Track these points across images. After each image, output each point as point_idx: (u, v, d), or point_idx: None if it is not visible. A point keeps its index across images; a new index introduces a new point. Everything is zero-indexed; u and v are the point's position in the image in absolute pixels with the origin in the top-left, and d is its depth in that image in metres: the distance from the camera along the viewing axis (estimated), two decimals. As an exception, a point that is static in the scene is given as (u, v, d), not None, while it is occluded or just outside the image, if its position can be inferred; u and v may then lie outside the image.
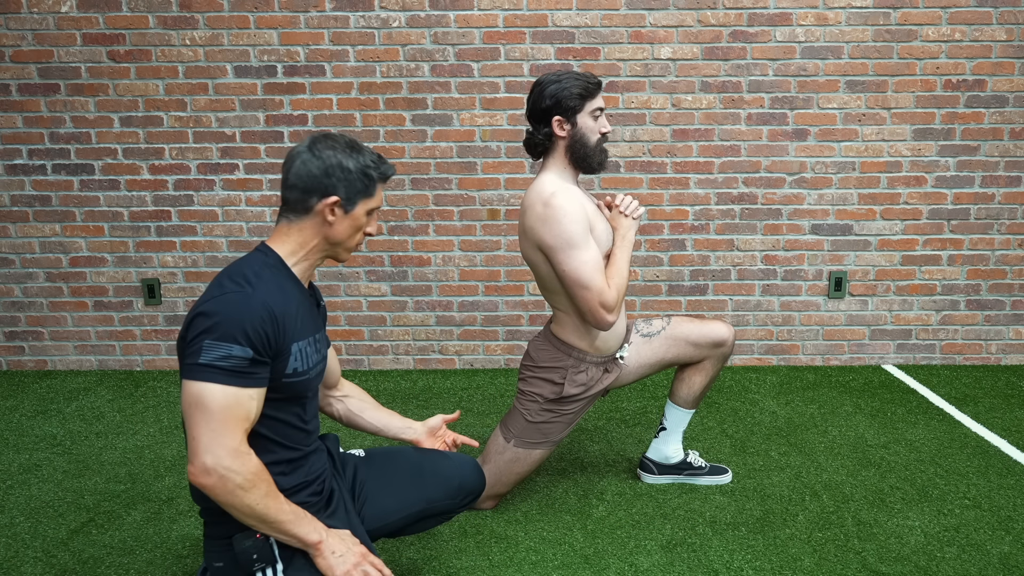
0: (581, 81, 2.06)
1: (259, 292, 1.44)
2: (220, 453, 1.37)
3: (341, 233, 1.56)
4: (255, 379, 1.43)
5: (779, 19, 3.36)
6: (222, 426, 1.37)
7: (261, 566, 1.49)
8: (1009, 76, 3.38)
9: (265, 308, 1.43)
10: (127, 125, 3.46)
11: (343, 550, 1.51)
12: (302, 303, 1.56)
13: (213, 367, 1.38)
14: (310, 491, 1.61)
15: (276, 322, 1.45)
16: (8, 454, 2.71)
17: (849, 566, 1.96)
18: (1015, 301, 3.59)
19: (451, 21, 3.37)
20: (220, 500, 1.40)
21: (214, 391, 1.38)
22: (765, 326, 3.64)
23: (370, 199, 1.57)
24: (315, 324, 1.63)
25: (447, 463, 1.82)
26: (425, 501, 1.76)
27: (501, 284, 3.60)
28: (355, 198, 1.55)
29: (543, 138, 2.09)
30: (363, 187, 1.55)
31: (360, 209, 1.56)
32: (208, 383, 1.38)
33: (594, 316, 2.04)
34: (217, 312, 1.39)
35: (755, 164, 3.49)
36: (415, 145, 3.48)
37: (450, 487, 1.79)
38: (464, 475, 1.82)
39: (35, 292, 3.60)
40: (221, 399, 1.38)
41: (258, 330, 1.41)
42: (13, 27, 3.36)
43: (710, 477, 2.43)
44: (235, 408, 1.39)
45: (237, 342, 1.39)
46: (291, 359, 1.50)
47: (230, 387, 1.39)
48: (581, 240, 2.00)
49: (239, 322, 1.39)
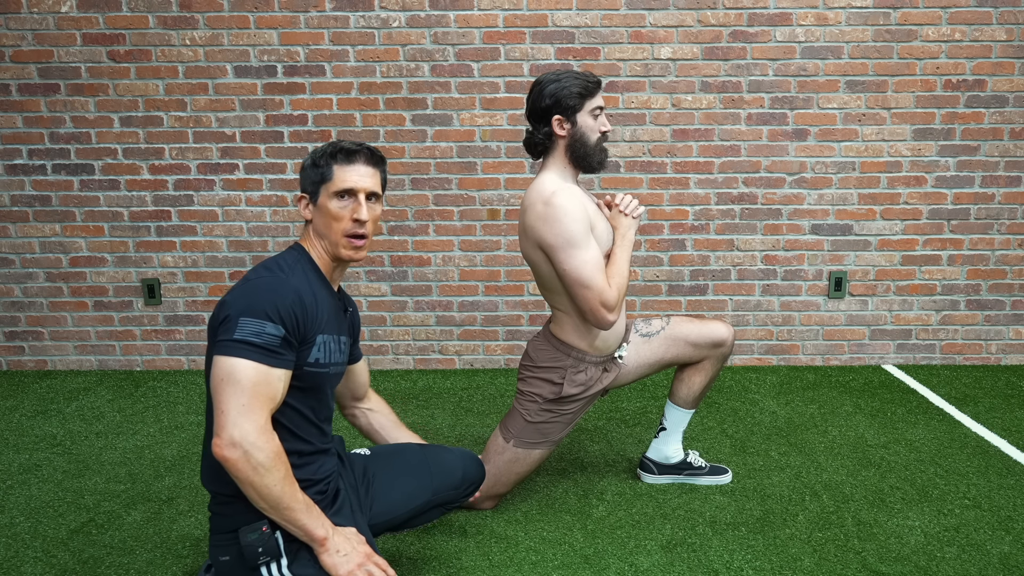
0: (581, 80, 2.06)
1: (292, 279, 1.52)
2: (248, 428, 1.40)
3: (320, 225, 1.62)
4: (283, 360, 1.48)
5: (779, 19, 3.36)
6: (251, 401, 1.42)
7: (266, 560, 1.51)
8: (1009, 76, 3.38)
9: (296, 293, 1.50)
10: (127, 125, 3.46)
11: (348, 549, 1.52)
12: (329, 302, 1.62)
13: (247, 343, 1.43)
14: (316, 489, 1.62)
15: (305, 308, 1.51)
16: (8, 454, 2.71)
17: (849, 566, 1.96)
18: (1015, 301, 3.59)
19: (451, 21, 3.37)
20: (240, 476, 1.42)
21: (246, 367, 1.42)
22: (765, 326, 3.64)
23: (329, 183, 1.60)
24: (340, 326, 1.68)
25: (449, 455, 1.90)
26: (431, 493, 1.82)
27: (501, 284, 3.61)
28: (316, 188, 1.61)
29: (543, 137, 2.09)
30: (319, 175, 1.60)
31: (323, 197, 1.60)
32: (241, 358, 1.42)
33: (595, 316, 2.04)
34: (253, 292, 1.47)
35: (755, 164, 3.49)
36: (415, 145, 3.48)
37: (454, 478, 1.86)
38: (466, 466, 1.89)
39: (35, 292, 3.60)
40: (253, 375, 1.43)
41: (290, 311, 1.48)
42: (13, 27, 3.36)
43: (710, 477, 2.43)
44: (264, 386, 1.44)
45: (271, 319, 1.45)
46: (315, 348, 1.55)
47: (261, 364, 1.44)
48: (582, 239, 2.00)
49: (273, 301, 1.46)
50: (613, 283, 2.04)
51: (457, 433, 2.87)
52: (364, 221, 1.60)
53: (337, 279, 1.69)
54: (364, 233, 1.62)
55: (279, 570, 1.51)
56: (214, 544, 1.58)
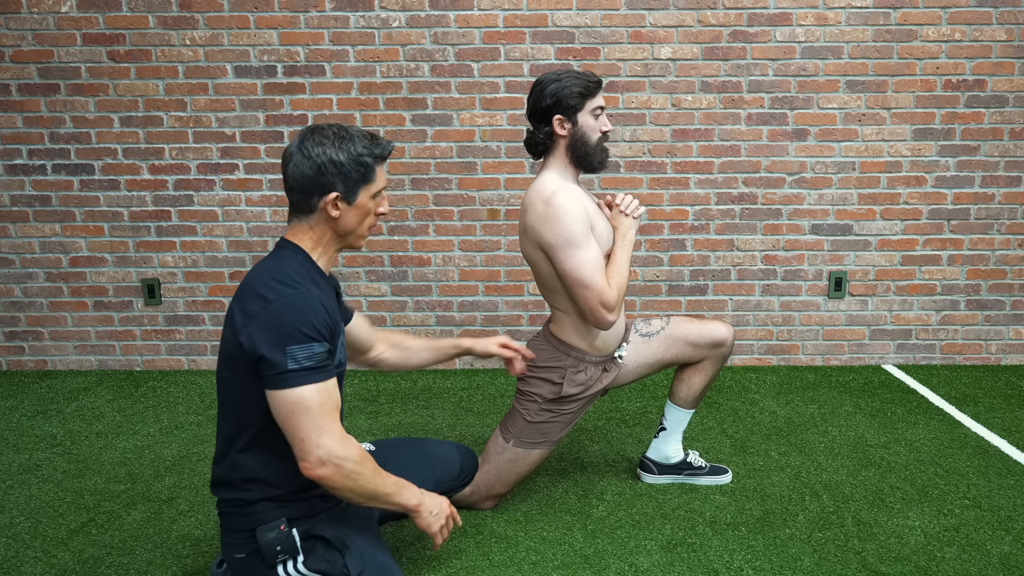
0: (581, 80, 2.06)
1: (313, 290, 1.50)
2: (329, 444, 1.44)
3: (349, 223, 1.58)
4: (331, 370, 1.51)
5: (779, 19, 3.36)
6: (323, 419, 1.45)
7: (284, 557, 1.55)
8: (1009, 76, 3.38)
9: (320, 303, 1.49)
10: (127, 125, 3.46)
11: (436, 508, 1.67)
12: (331, 296, 1.62)
13: (303, 369, 1.44)
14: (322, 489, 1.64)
15: (330, 315, 1.52)
16: (8, 454, 2.71)
17: (849, 566, 1.96)
18: (1015, 301, 3.59)
19: (451, 21, 3.37)
20: (338, 486, 1.48)
21: (309, 392, 1.44)
22: (765, 326, 3.64)
23: (371, 184, 1.57)
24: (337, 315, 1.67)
25: (447, 448, 1.99)
26: (433, 484, 1.90)
27: (501, 284, 3.60)
28: (355, 188, 1.55)
29: (544, 137, 2.09)
30: (360, 175, 1.55)
31: (363, 196, 1.57)
32: (303, 387, 1.44)
33: (594, 315, 2.04)
34: (289, 316, 1.44)
35: (755, 164, 3.49)
36: (415, 145, 3.48)
37: (453, 470, 1.96)
38: (463, 457, 2.00)
39: (35, 292, 3.60)
40: (316, 397, 1.45)
41: (325, 324, 1.48)
42: (13, 27, 3.36)
43: (710, 477, 2.43)
44: (328, 401, 1.47)
45: (316, 340, 1.46)
46: (338, 352, 1.57)
47: (320, 383, 1.46)
48: (582, 239, 2.00)
49: (310, 320, 1.45)
50: (613, 283, 2.04)
51: (457, 433, 2.87)
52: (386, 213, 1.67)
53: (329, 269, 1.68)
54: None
55: (295, 566, 1.55)
56: (227, 542, 1.59)
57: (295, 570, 1.54)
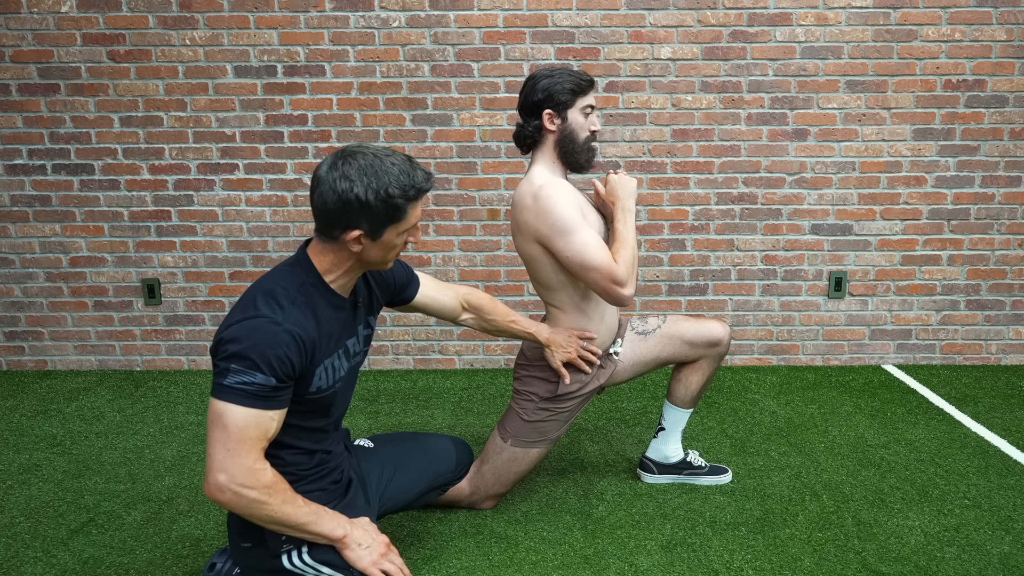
0: (574, 77, 2.06)
1: (288, 319, 1.42)
2: (234, 471, 1.40)
3: (374, 256, 1.52)
4: (277, 402, 1.45)
5: (779, 19, 3.35)
6: (238, 446, 1.40)
7: (288, 548, 1.56)
8: (1009, 76, 3.38)
9: (292, 337, 1.42)
10: (127, 125, 3.46)
11: (368, 541, 1.57)
12: (335, 320, 1.55)
13: (235, 389, 1.40)
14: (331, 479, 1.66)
15: (303, 349, 1.45)
16: (8, 454, 2.71)
17: (849, 566, 1.96)
18: (1015, 301, 3.59)
19: (451, 21, 3.37)
20: (238, 511, 1.44)
21: (234, 412, 1.40)
22: (765, 326, 3.64)
23: (399, 223, 1.48)
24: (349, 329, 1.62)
25: (443, 442, 2.04)
26: (432, 477, 1.94)
27: (501, 284, 3.60)
28: (381, 228, 1.46)
29: (532, 131, 2.10)
30: (389, 216, 1.45)
31: (390, 234, 1.48)
32: (229, 404, 1.40)
33: (609, 295, 2.02)
34: (246, 339, 1.39)
35: (755, 164, 3.49)
36: (415, 145, 3.48)
37: (449, 463, 2.02)
38: (458, 450, 2.07)
39: (35, 292, 3.60)
40: (240, 420, 1.40)
41: (283, 359, 1.41)
42: (13, 27, 3.36)
43: (710, 477, 2.43)
44: (253, 428, 1.41)
45: (261, 371, 1.39)
46: (315, 379, 1.52)
47: (252, 409, 1.41)
48: (577, 224, 1.99)
49: (264, 353, 1.39)
50: (619, 258, 2.01)
51: (457, 433, 2.87)
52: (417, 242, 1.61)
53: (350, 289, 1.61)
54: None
55: (299, 557, 1.56)
56: (234, 529, 1.61)
57: (300, 560, 1.55)
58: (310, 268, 1.52)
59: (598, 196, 2.18)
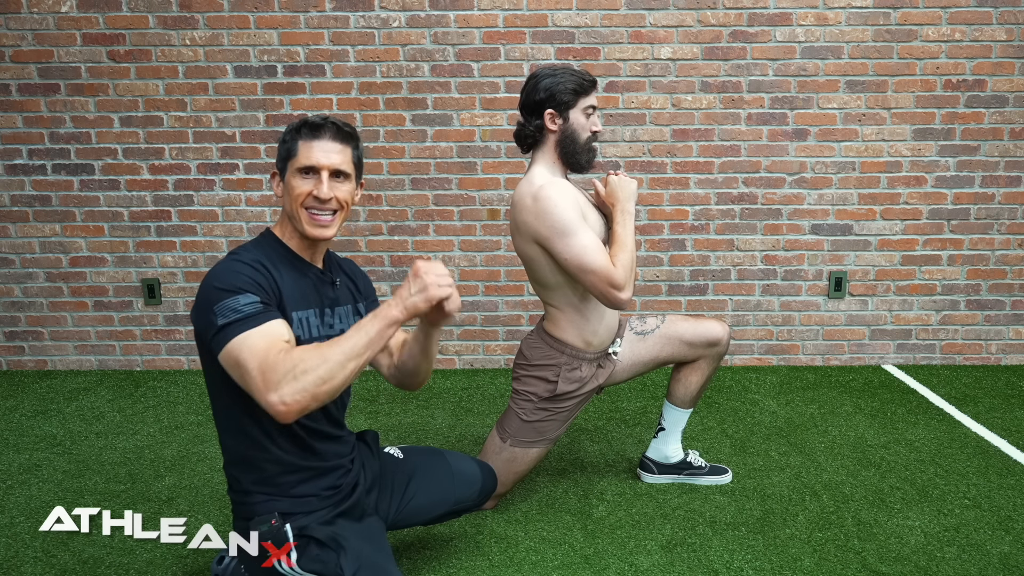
0: (576, 77, 2.06)
1: (245, 255, 1.53)
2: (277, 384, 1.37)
3: (285, 202, 1.61)
4: (273, 312, 1.47)
5: (779, 19, 3.35)
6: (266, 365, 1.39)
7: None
8: (1009, 76, 3.38)
9: (251, 265, 1.50)
10: (127, 125, 3.46)
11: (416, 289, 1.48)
12: (300, 277, 1.60)
13: (232, 323, 1.42)
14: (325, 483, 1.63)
15: (268, 274, 1.51)
16: (8, 454, 2.71)
17: (849, 566, 1.96)
18: (1015, 301, 3.59)
19: (451, 21, 3.37)
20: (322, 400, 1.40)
21: (245, 341, 1.41)
22: (765, 326, 3.64)
23: (294, 159, 1.58)
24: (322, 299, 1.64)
25: (471, 467, 1.96)
26: (453, 502, 1.88)
27: (501, 284, 3.60)
28: (284, 165, 1.59)
29: (534, 130, 2.09)
30: (285, 150, 1.59)
31: (288, 173, 1.59)
32: (236, 338, 1.41)
33: (606, 297, 2.02)
34: (215, 280, 1.47)
35: (755, 164, 3.49)
36: (415, 145, 3.48)
37: (473, 490, 1.93)
38: (484, 478, 1.97)
39: (35, 292, 3.60)
40: (253, 344, 1.41)
41: (251, 279, 1.48)
42: (13, 27, 3.36)
43: (710, 477, 2.43)
44: (269, 342, 1.41)
45: (241, 292, 1.45)
46: (294, 325, 1.54)
47: (256, 328, 1.43)
48: (576, 226, 1.99)
49: (233, 281, 1.46)
50: (617, 261, 2.01)
51: (457, 433, 2.87)
52: (325, 200, 1.55)
53: (319, 257, 1.65)
54: (327, 210, 1.56)
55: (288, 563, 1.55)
56: (237, 528, 1.63)
57: (289, 567, 1.55)
58: (267, 234, 1.64)
59: (598, 196, 2.18)
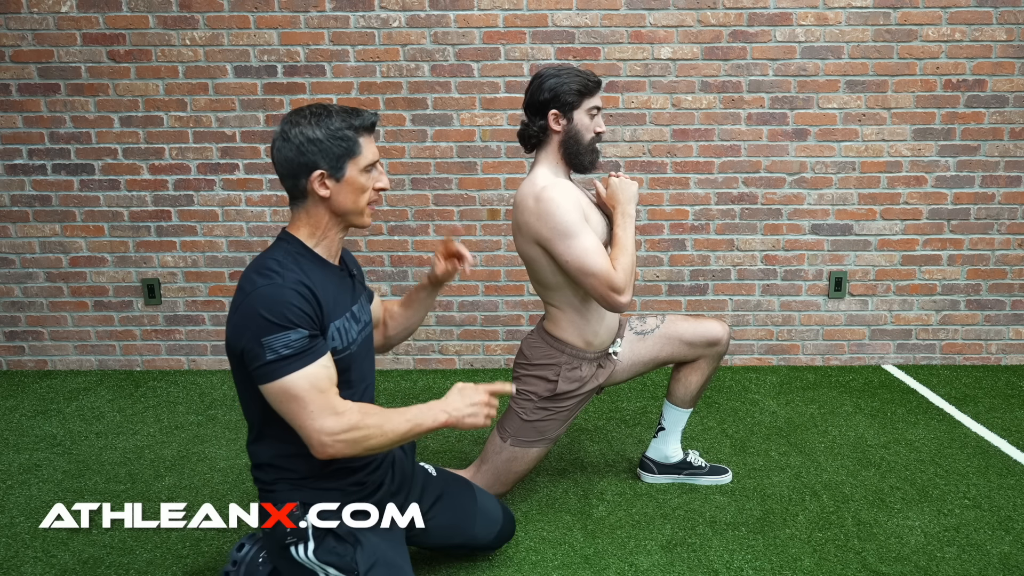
0: (581, 78, 2.06)
1: (287, 279, 1.47)
2: (327, 427, 1.44)
3: (343, 202, 1.55)
4: (320, 350, 1.48)
5: (779, 19, 3.35)
6: (316, 406, 1.44)
7: (293, 540, 1.58)
8: (1009, 76, 3.38)
9: (297, 290, 1.46)
10: (127, 125, 3.46)
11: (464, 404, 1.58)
12: (331, 281, 1.60)
13: (282, 359, 1.43)
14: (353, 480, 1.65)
15: (313, 299, 1.49)
16: (8, 454, 2.71)
17: (849, 566, 1.96)
18: (1015, 301, 3.59)
19: (451, 21, 3.37)
20: (358, 454, 1.49)
21: (296, 380, 1.43)
22: (765, 326, 3.64)
23: (357, 157, 1.53)
24: (350, 297, 1.66)
25: (496, 509, 1.96)
26: (467, 538, 1.89)
27: (501, 284, 3.61)
28: (340, 163, 1.52)
29: (537, 130, 2.09)
30: (343, 149, 1.52)
31: (351, 171, 1.54)
32: (285, 376, 1.43)
33: (606, 301, 2.02)
34: (262, 308, 1.43)
35: (755, 164, 3.49)
36: (415, 145, 3.48)
37: (491, 533, 1.92)
38: (504, 523, 1.96)
39: (35, 292, 3.60)
40: (304, 383, 1.44)
41: (299, 309, 1.45)
42: (13, 27, 3.36)
43: (710, 477, 2.43)
44: (319, 383, 1.45)
45: (291, 327, 1.44)
46: (330, 340, 1.55)
47: (307, 368, 1.45)
48: (578, 228, 1.99)
49: (282, 312, 1.43)
50: (618, 265, 2.00)
51: (457, 433, 2.87)
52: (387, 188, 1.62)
53: (336, 254, 1.65)
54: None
55: (305, 552, 1.58)
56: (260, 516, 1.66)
57: (305, 556, 1.58)
58: (292, 240, 1.58)
59: (599, 197, 2.18)
